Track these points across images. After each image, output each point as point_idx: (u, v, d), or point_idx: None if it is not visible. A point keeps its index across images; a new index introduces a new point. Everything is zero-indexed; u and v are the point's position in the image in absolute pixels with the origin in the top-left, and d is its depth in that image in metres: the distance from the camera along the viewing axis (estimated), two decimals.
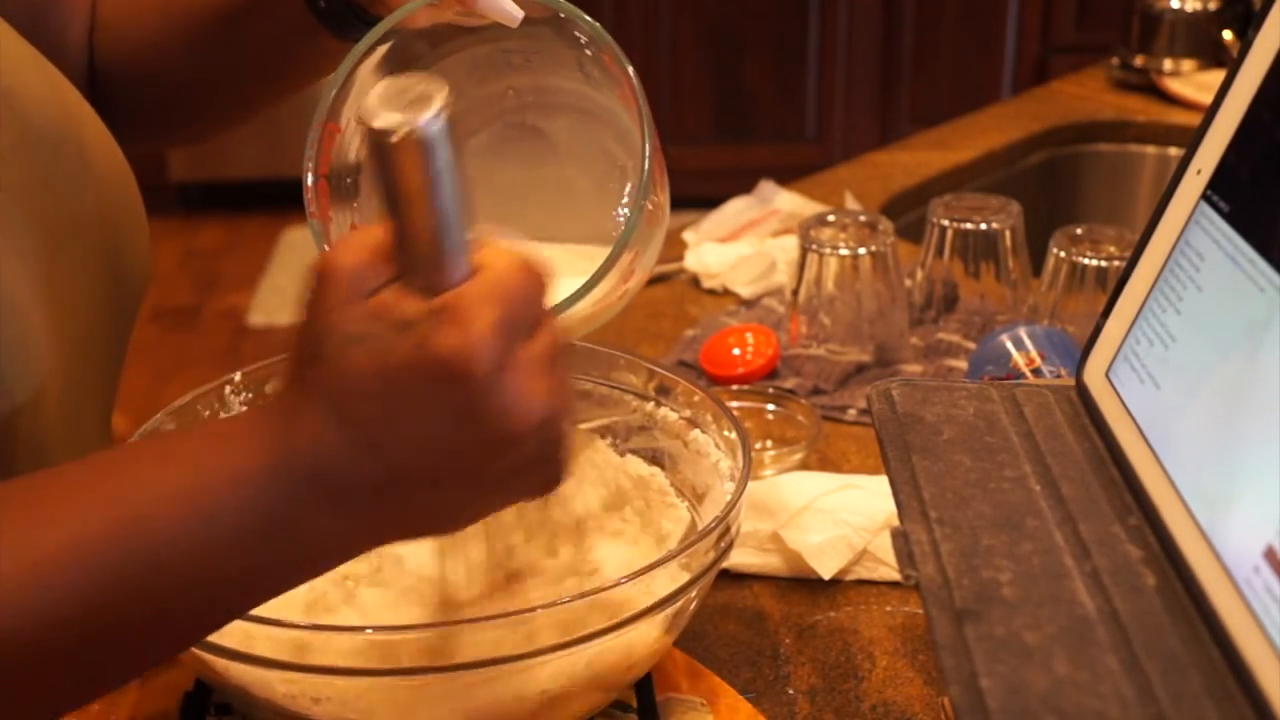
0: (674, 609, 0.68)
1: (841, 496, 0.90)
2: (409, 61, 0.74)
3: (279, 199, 3.80)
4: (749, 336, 1.13)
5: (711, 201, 1.48)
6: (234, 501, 0.50)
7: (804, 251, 1.13)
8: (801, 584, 0.87)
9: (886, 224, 1.14)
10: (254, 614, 0.64)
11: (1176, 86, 1.77)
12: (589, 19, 0.68)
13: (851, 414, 1.07)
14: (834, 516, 0.88)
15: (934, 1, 3.57)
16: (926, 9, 3.57)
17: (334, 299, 0.50)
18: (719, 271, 1.29)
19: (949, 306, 1.18)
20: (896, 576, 0.86)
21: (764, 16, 3.58)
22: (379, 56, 0.71)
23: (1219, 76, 0.67)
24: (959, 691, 0.50)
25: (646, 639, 0.68)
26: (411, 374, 0.49)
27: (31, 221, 0.69)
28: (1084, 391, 0.70)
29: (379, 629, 0.66)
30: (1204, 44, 1.80)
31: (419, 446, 0.50)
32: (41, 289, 0.68)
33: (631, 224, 0.66)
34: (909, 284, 1.19)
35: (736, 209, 1.43)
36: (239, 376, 0.81)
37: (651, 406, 0.83)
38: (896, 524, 0.61)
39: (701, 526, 0.72)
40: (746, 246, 1.32)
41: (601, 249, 0.67)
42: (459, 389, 0.49)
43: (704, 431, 0.81)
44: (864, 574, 0.87)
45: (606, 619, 0.65)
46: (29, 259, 0.68)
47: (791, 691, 0.78)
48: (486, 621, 0.64)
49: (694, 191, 1.79)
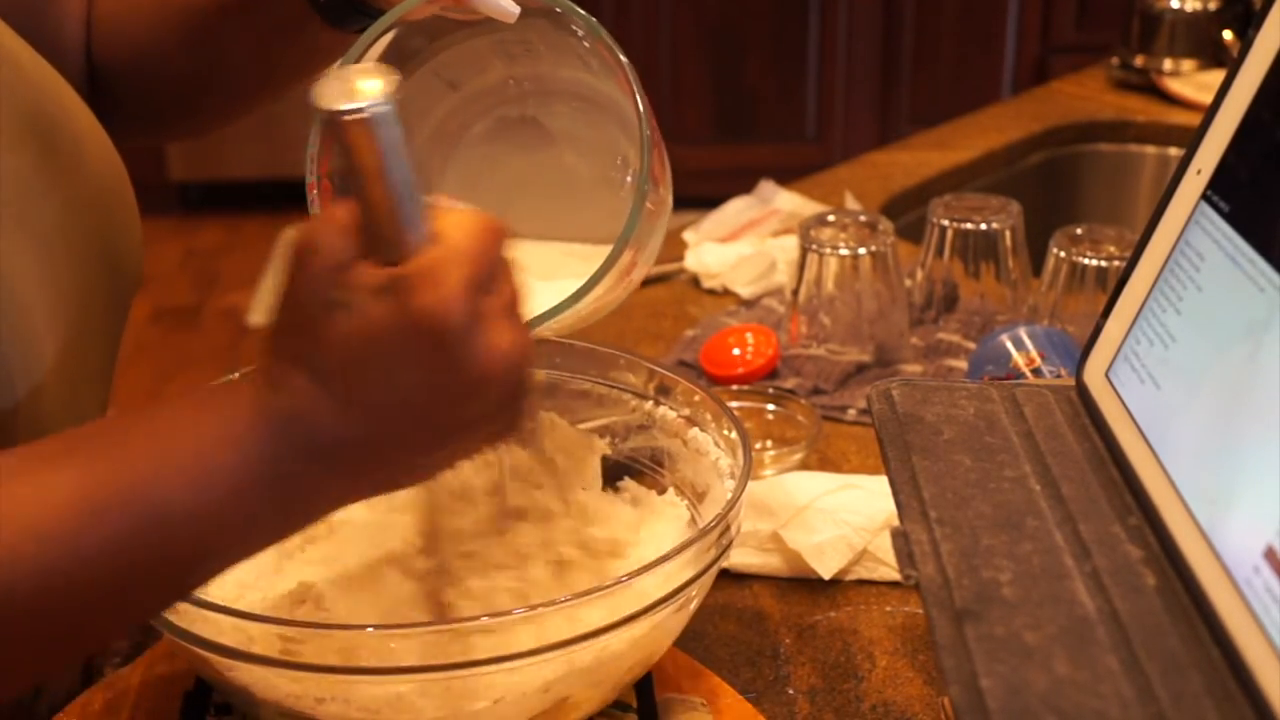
0: (674, 609, 0.68)
1: (841, 496, 0.90)
2: (408, 57, 0.74)
3: (279, 199, 3.80)
4: (749, 336, 1.13)
5: (711, 201, 1.48)
6: (228, 461, 0.53)
7: (804, 251, 1.13)
8: (801, 584, 0.87)
9: (886, 224, 1.14)
10: (254, 614, 0.65)
11: (1176, 86, 1.77)
12: (583, 13, 0.68)
13: (851, 414, 1.07)
14: (834, 516, 0.88)
15: (934, 1, 3.57)
16: (926, 9, 3.57)
17: (311, 271, 0.53)
18: (719, 271, 1.29)
19: (949, 306, 1.18)
20: (896, 576, 0.86)
21: (764, 16, 3.58)
22: (378, 53, 0.71)
23: (1219, 76, 0.67)
24: (959, 691, 0.50)
25: (646, 639, 0.68)
26: (392, 334, 0.53)
27: (27, 213, 0.69)
28: (1084, 391, 0.70)
29: (380, 628, 0.66)
30: (1204, 44, 1.80)
31: (398, 400, 0.54)
32: (39, 279, 0.69)
33: (630, 224, 0.66)
34: (909, 284, 1.19)
35: (736, 209, 1.43)
36: (239, 376, 0.81)
37: (651, 406, 0.83)
38: (896, 524, 0.61)
39: (701, 526, 0.72)
40: (746, 246, 1.32)
41: (599, 249, 0.67)
42: (436, 344, 0.53)
43: (704, 430, 0.81)
44: (864, 574, 0.88)
45: (606, 618, 0.65)
46: (27, 250, 0.68)
47: (791, 691, 0.78)
48: (487, 620, 0.64)
49: (694, 191, 1.78)
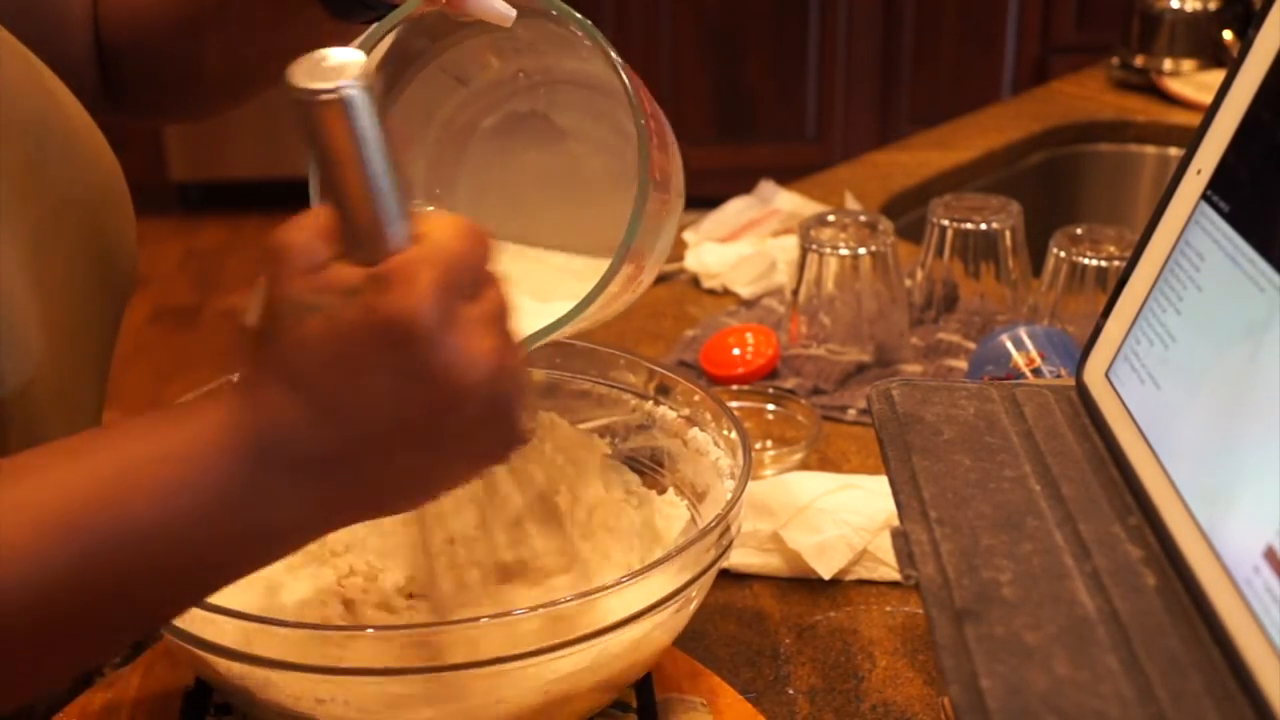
0: (674, 609, 0.68)
1: (841, 496, 0.90)
2: (412, 57, 0.74)
3: (279, 199, 3.79)
4: (749, 336, 1.13)
5: (711, 201, 1.48)
6: (195, 477, 0.51)
7: (804, 251, 1.13)
8: (801, 584, 0.87)
9: (886, 224, 1.14)
10: (254, 614, 0.64)
11: (1176, 86, 1.77)
12: (579, 16, 0.67)
13: (851, 414, 1.07)
14: (834, 516, 0.88)
15: (934, 1, 3.57)
16: (926, 9, 3.57)
17: (286, 273, 0.51)
18: (719, 271, 1.29)
19: (949, 306, 1.18)
20: (896, 576, 0.86)
21: (764, 16, 3.58)
22: (381, 54, 0.71)
23: (1219, 76, 0.67)
24: (959, 691, 0.50)
25: (646, 639, 0.68)
26: (360, 337, 0.50)
27: (18, 209, 0.69)
28: (1084, 391, 0.70)
29: (380, 628, 0.66)
30: (1204, 44, 1.80)
31: (372, 411, 0.51)
32: (30, 276, 0.69)
33: (628, 237, 0.66)
34: (909, 284, 1.19)
35: (736, 209, 1.43)
36: (238, 377, 0.81)
37: (651, 406, 0.83)
38: (896, 524, 0.61)
39: (701, 526, 0.72)
40: (746, 246, 1.32)
41: (601, 261, 0.67)
42: (405, 348, 0.50)
43: (704, 430, 0.81)
44: (864, 574, 0.88)
45: (606, 619, 0.65)
46: (18, 246, 0.68)
47: (791, 691, 0.78)
48: (487, 621, 0.64)
49: (694, 191, 1.78)
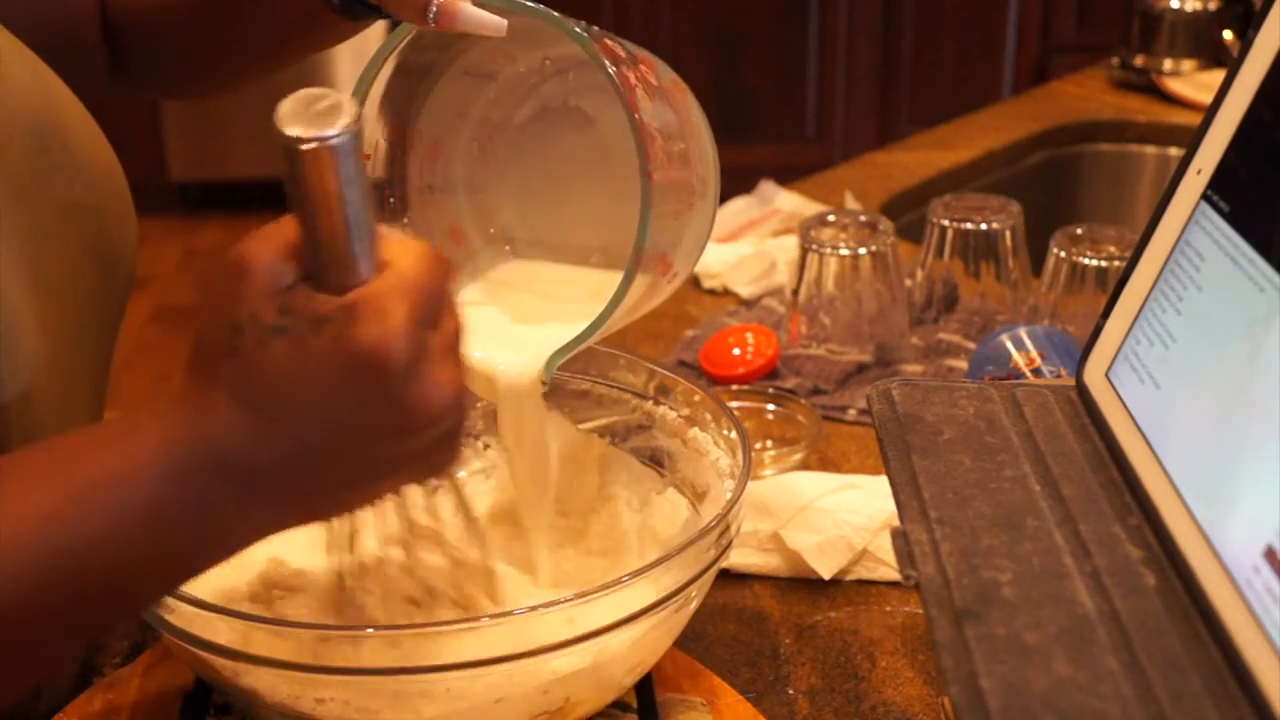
0: (674, 609, 0.68)
1: (841, 496, 0.90)
2: (424, 70, 0.73)
3: (279, 199, 3.77)
4: (749, 336, 1.13)
5: None
6: (145, 490, 0.51)
7: (804, 251, 1.13)
8: (801, 584, 0.87)
9: (887, 224, 1.14)
10: (255, 614, 0.64)
11: (1176, 86, 1.77)
12: (570, 26, 0.66)
13: (851, 414, 1.07)
14: (834, 516, 0.88)
15: (934, 1, 3.57)
16: (926, 9, 3.57)
17: (249, 291, 0.51)
18: (719, 271, 1.29)
19: (949, 306, 1.18)
20: (896, 576, 0.86)
21: (764, 16, 3.58)
22: (390, 69, 0.70)
23: (1219, 76, 0.67)
24: (959, 691, 0.50)
25: (646, 639, 0.68)
26: (328, 366, 0.51)
27: (18, 213, 0.69)
28: (1084, 391, 0.70)
29: (380, 629, 0.66)
30: (1204, 44, 1.80)
31: (327, 431, 0.52)
32: (30, 280, 0.69)
33: (640, 239, 0.66)
34: (909, 284, 1.19)
35: (737, 209, 1.43)
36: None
37: (651, 406, 0.83)
38: (896, 524, 0.61)
39: (701, 526, 0.72)
40: (746, 246, 1.32)
41: (614, 275, 0.67)
42: (376, 380, 0.51)
43: (704, 430, 0.81)
44: (864, 574, 0.88)
45: (606, 618, 0.65)
46: (17, 250, 0.68)
47: (791, 691, 0.78)
48: (487, 621, 0.64)
49: None
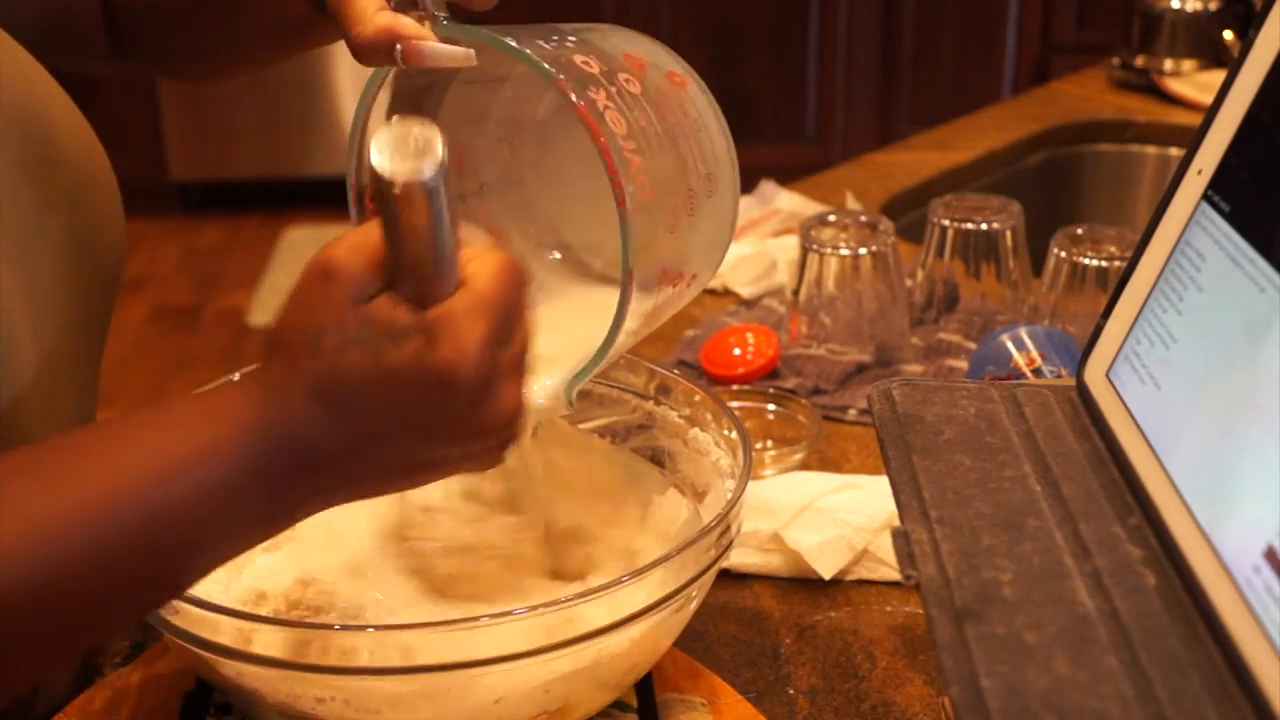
0: (674, 609, 0.68)
1: (841, 496, 0.90)
2: (423, 90, 0.73)
3: (279, 199, 3.80)
4: (749, 336, 1.13)
5: None
6: (223, 470, 0.54)
7: (804, 251, 1.13)
8: (801, 584, 0.87)
9: (887, 224, 1.14)
10: (254, 614, 0.65)
11: (1177, 86, 1.77)
12: (537, 61, 0.63)
13: (852, 414, 1.07)
14: (834, 516, 0.88)
15: (934, 1, 3.57)
16: (926, 9, 3.57)
17: (334, 298, 0.54)
18: (719, 271, 1.29)
19: (949, 306, 1.18)
20: (896, 576, 0.86)
21: (764, 16, 3.58)
22: (388, 95, 0.70)
23: (1219, 76, 0.67)
24: (959, 691, 0.50)
25: (646, 639, 0.68)
26: (405, 380, 0.53)
27: (5, 210, 0.69)
28: (1084, 391, 0.70)
29: (380, 628, 0.66)
30: (1204, 44, 1.80)
31: (395, 439, 0.55)
32: (20, 281, 0.69)
33: (625, 262, 0.64)
34: (909, 284, 1.19)
35: None
36: (238, 377, 0.81)
37: (651, 406, 0.83)
38: (897, 524, 0.61)
39: (701, 526, 0.72)
40: (747, 246, 1.32)
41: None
42: (447, 399, 0.54)
43: (704, 431, 0.81)
44: (864, 574, 0.88)
45: (606, 618, 0.65)
46: (3, 246, 0.68)
47: (791, 691, 0.78)
48: (487, 621, 0.64)
49: None
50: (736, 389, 1.07)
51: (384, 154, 0.52)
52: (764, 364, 1.11)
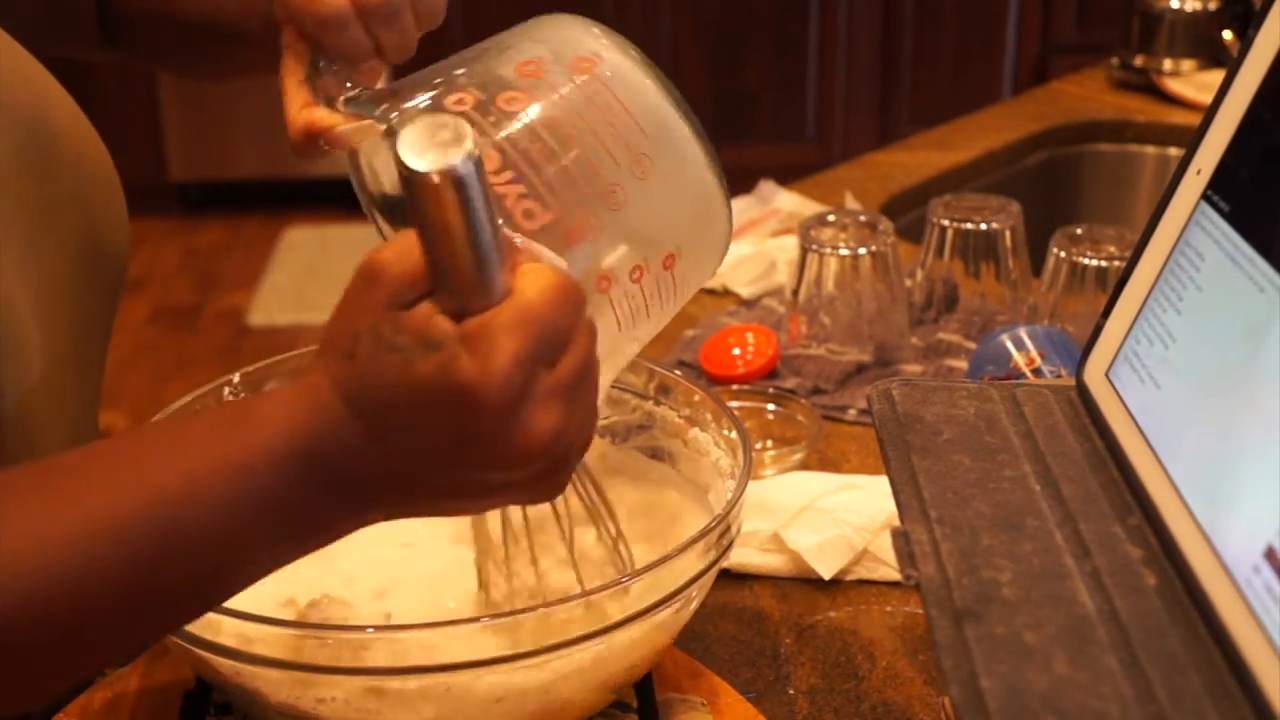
0: (674, 609, 0.68)
1: (841, 496, 0.90)
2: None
3: (279, 199, 3.80)
4: (749, 336, 1.13)
5: None
6: (252, 486, 0.52)
7: (804, 251, 1.13)
8: (801, 584, 0.87)
9: (886, 224, 1.14)
10: (254, 614, 0.65)
11: (1176, 86, 1.77)
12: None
13: (851, 414, 1.07)
14: (834, 516, 0.88)
15: (934, 1, 3.57)
16: (926, 9, 3.57)
17: (375, 302, 0.52)
18: (719, 271, 1.29)
19: (949, 306, 1.18)
20: (896, 576, 0.86)
21: (764, 16, 3.58)
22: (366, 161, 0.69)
23: (1219, 76, 0.67)
24: (959, 691, 0.50)
25: (646, 639, 0.68)
26: (429, 393, 0.51)
27: (11, 209, 0.69)
28: (1084, 391, 0.70)
29: (380, 628, 0.66)
30: (1204, 44, 1.80)
31: (421, 457, 0.53)
32: (27, 279, 0.69)
33: None
34: (909, 284, 1.19)
35: (736, 209, 1.42)
36: (238, 377, 0.81)
37: (651, 406, 0.83)
38: (896, 524, 0.61)
39: (702, 526, 0.72)
40: (746, 246, 1.32)
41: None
42: (469, 416, 0.51)
43: (704, 431, 0.81)
44: (864, 574, 0.88)
45: (606, 619, 0.65)
46: (13, 249, 0.68)
47: (791, 691, 0.78)
48: (486, 621, 0.64)
49: None
50: (736, 389, 1.07)
51: (411, 148, 0.49)
52: (764, 364, 1.11)
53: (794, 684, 0.79)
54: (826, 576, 0.86)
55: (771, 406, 1.05)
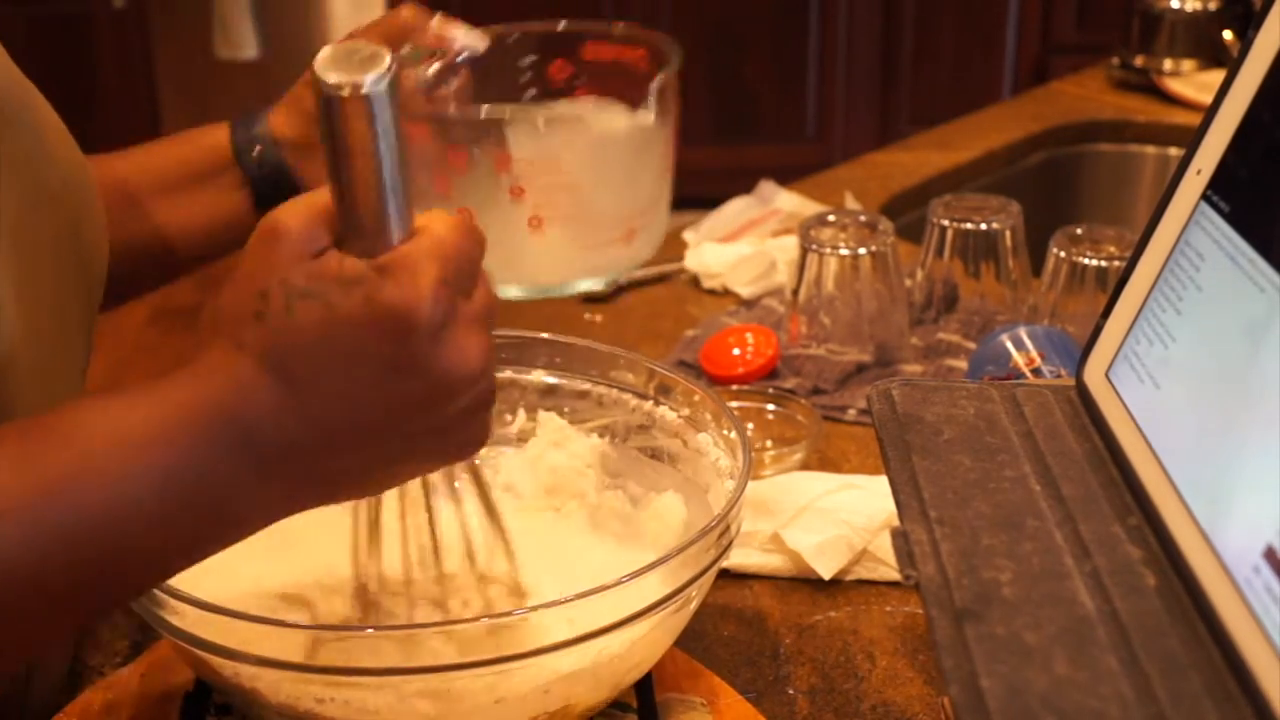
0: (674, 609, 0.68)
1: (841, 496, 0.90)
2: None
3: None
4: (749, 336, 1.13)
5: (711, 201, 1.47)
6: (153, 463, 0.51)
7: (804, 251, 1.13)
8: (801, 584, 0.87)
9: (886, 224, 1.14)
10: (254, 615, 0.64)
11: (1176, 86, 1.77)
12: None
13: (851, 414, 1.07)
14: (834, 516, 0.88)
15: (934, 1, 3.57)
16: (926, 9, 3.57)
17: (280, 257, 0.51)
18: (719, 271, 1.29)
19: (949, 306, 1.18)
20: (896, 576, 0.86)
21: (764, 17, 3.58)
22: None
23: (1219, 76, 0.67)
24: (959, 691, 0.50)
25: (646, 639, 0.68)
26: (356, 327, 0.50)
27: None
28: (1084, 391, 0.70)
29: (380, 628, 0.66)
30: (1204, 44, 1.80)
31: (354, 403, 0.52)
32: (9, 260, 0.68)
33: None
34: (909, 284, 1.19)
35: (736, 209, 1.43)
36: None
37: (651, 406, 0.83)
38: (896, 524, 0.61)
39: (701, 526, 0.72)
40: (746, 246, 1.32)
41: None
42: (404, 341, 0.50)
43: (704, 430, 0.81)
44: (864, 574, 0.88)
45: (606, 618, 0.65)
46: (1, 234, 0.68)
47: (791, 691, 0.78)
48: (486, 621, 0.64)
49: (694, 191, 1.79)
50: (736, 389, 1.07)
51: (327, 67, 0.49)
52: (763, 364, 1.11)
53: (794, 684, 0.79)
54: (826, 576, 0.86)
55: (771, 406, 1.05)
